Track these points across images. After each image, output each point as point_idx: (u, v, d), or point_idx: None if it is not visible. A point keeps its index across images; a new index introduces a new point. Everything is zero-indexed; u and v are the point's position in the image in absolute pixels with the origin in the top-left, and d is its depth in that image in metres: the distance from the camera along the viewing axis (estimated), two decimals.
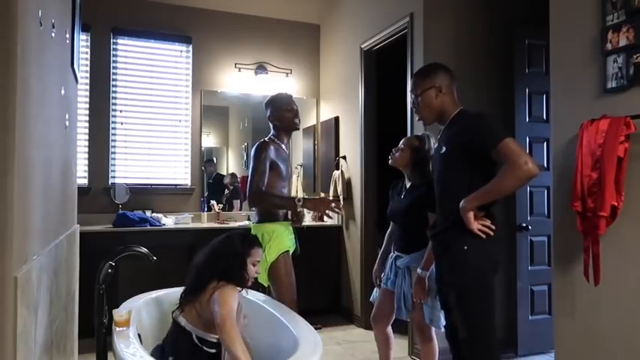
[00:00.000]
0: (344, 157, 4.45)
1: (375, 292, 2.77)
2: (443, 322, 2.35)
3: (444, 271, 2.02)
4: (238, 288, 2.04)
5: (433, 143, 2.49)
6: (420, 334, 2.60)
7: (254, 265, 2.13)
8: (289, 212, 2.86)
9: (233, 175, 4.84)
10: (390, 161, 2.60)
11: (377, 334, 2.73)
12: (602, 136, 2.01)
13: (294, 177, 4.94)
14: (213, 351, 2.02)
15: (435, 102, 2.05)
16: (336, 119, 4.60)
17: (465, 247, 1.91)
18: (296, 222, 2.86)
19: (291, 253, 2.84)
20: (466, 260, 1.92)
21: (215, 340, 2.01)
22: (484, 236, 1.88)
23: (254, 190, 2.66)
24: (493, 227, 1.91)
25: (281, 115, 2.84)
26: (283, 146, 2.88)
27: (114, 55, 4.36)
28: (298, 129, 2.98)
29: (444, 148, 2.04)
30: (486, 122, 1.92)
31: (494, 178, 1.83)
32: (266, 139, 2.84)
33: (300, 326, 2.24)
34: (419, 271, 2.40)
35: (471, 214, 1.88)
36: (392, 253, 2.67)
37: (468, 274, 1.92)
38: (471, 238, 1.90)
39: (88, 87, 4.21)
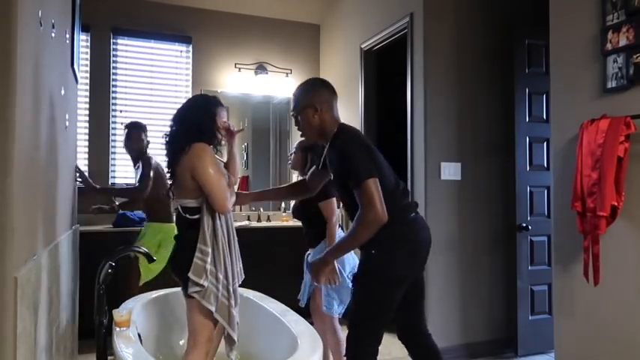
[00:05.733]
0: None
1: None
2: (336, 308, 2.47)
3: (357, 266, 2.05)
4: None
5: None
6: (320, 322, 2.59)
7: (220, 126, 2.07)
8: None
9: None
10: (289, 166, 2.67)
11: (315, 326, 2.65)
12: (602, 136, 2.01)
13: (295, 177, 4.94)
14: (196, 217, 1.96)
15: (313, 121, 1.97)
16: None
17: (373, 252, 1.90)
18: None
19: None
20: (370, 263, 1.91)
21: (194, 205, 1.96)
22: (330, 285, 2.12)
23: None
24: (336, 283, 2.31)
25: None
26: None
27: (114, 55, 4.35)
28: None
29: (331, 168, 2.04)
30: (352, 158, 1.84)
31: (349, 231, 1.86)
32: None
33: (300, 326, 2.25)
34: (313, 254, 2.48)
35: (325, 269, 1.99)
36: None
37: (368, 277, 1.92)
38: (380, 246, 1.88)
39: (88, 87, 4.20)
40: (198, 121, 1.99)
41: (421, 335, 2.09)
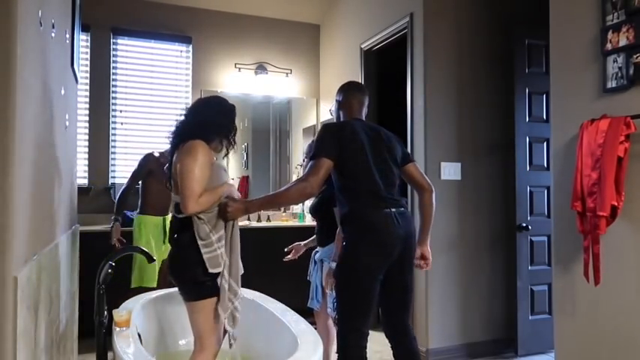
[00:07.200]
0: None
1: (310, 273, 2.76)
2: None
3: None
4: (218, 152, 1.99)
5: None
6: (324, 321, 2.63)
7: None
8: None
9: None
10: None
11: (318, 327, 2.68)
12: (602, 136, 2.01)
13: (294, 177, 4.94)
14: (182, 216, 1.85)
15: (336, 111, 2.43)
16: None
17: (344, 243, 2.08)
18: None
19: None
20: (342, 255, 2.08)
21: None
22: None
23: None
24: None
25: None
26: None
27: (114, 55, 4.35)
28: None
29: None
30: (319, 140, 2.11)
31: (283, 188, 2.09)
32: None
33: (300, 326, 2.25)
34: (330, 262, 2.46)
35: (241, 212, 1.95)
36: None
37: (339, 268, 2.09)
38: (348, 238, 2.06)
39: (88, 87, 4.20)
40: (217, 120, 1.95)
41: (405, 335, 2.18)
